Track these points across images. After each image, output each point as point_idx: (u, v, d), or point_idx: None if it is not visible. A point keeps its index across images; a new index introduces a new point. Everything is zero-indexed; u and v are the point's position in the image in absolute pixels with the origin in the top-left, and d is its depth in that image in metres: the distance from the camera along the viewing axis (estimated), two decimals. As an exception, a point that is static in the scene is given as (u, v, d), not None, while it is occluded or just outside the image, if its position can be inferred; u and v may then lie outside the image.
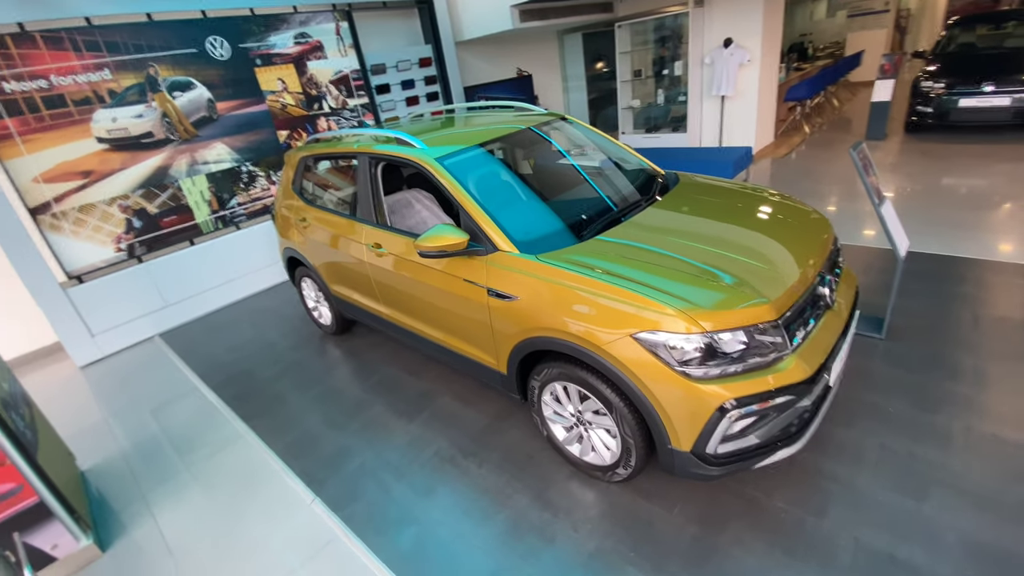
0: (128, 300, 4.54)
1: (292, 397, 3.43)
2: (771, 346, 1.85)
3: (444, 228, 2.33)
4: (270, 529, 2.43)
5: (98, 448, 3.28)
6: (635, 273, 2.00)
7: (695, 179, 2.96)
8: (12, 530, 2.14)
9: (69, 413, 3.71)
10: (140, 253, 4.58)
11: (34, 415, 2.60)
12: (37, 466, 2.20)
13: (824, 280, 2.11)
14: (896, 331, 3.03)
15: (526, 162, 2.94)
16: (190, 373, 3.97)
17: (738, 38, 6.28)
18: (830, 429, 2.43)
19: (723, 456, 1.91)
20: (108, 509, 2.75)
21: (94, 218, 4.27)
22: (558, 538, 2.13)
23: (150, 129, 4.43)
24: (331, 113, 5.63)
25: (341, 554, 2.24)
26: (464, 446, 2.72)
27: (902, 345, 2.93)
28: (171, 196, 4.65)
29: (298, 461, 2.82)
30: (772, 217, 2.41)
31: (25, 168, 3.87)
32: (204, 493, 2.74)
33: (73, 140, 4.06)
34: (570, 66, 8.43)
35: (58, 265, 4.16)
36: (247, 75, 4.93)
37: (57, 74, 3.90)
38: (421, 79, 6.42)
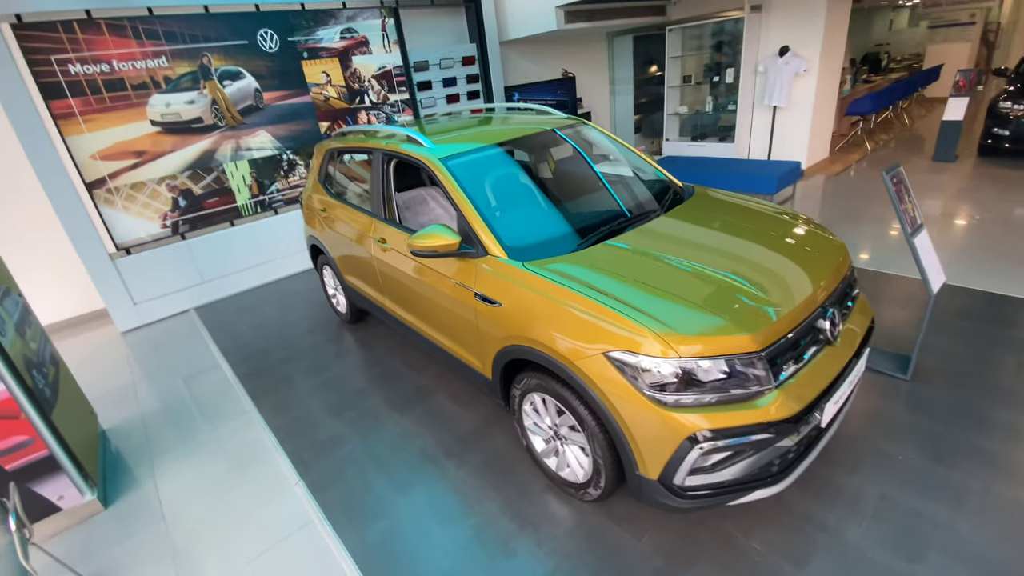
0: (169, 274, 4.85)
1: (299, 380, 3.55)
2: (752, 379, 1.74)
3: (438, 228, 2.33)
4: (254, 505, 2.53)
5: (122, 410, 3.52)
6: (618, 288, 1.93)
7: (710, 194, 2.82)
8: (24, 479, 2.33)
9: (104, 374, 4.01)
10: (183, 231, 4.88)
11: (59, 375, 2.83)
12: (50, 422, 2.39)
13: (826, 312, 1.95)
14: (924, 372, 2.78)
15: (537, 166, 2.89)
16: (214, 348, 4.20)
17: (796, 46, 5.94)
18: (828, 472, 2.26)
19: (692, 489, 1.81)
20: (122, 468, 2.95)
21: (144, 195, 4.59)
22: (520, 552, 2.09)
23: (200, 115, 4.70)
24: (372, 107, 5.78)
25: (312, 538, 2.29)
26: (448, 446, 2.72)
27: (928, 388, 2.68)
28: (215, 179, 4.93)
29: (291, 442, 2.92)
30: (782, 241, 2.26)
31: (84, 145, 4.21)
32: (204, 463, 2.89)
33: (129, 122, 4.37)
34: (618, 69, 8.26)
35: (109, 237, 4.50)
36: (294, 67, 5.13)
37: (118, 59, 4.22)
38: (463, 77, 6.47)
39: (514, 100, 6.75)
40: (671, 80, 7.14)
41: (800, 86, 6.08)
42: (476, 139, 2.79)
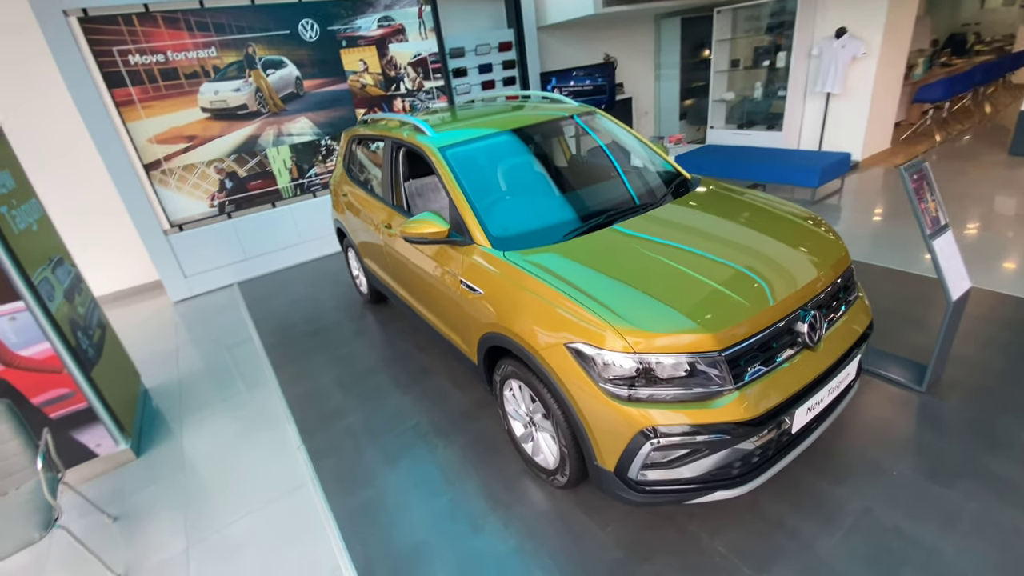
0: (216, 250, 5.25)
1: (318, 354, 3.79)
2: (710, 379, 1.71)
3: (429, 215, 2.41)
4: (260, 465, 2.76)
5: (164, 372, 3.90)
6: (588, 280, 1.94)
7: (714, 187, 2.73)
8: (66, 427, 2.67)
9: (153, 339, 4.44)
10: (229, 210, 5.25)
11: (104, 337, 3.17)
12: (90, 378, 2.70)
13: (805, 315, 1.87)
14: (942, 385, 2.59)
15: (539, 155, 2.89)
16: (249, 320, 4.53)
17: (854, 27, 5.50)
18: (812, 480, 2.18)
19: (647, 484, 1.82)
20: (158, 423, 3.29)
21: (194, 177, 4.98)
22: (486, 529, 2.18)
23: (245, 102, 5.01)
24: (407, 94, 5.92)
25: (305, 500, 2.48)
26: (440, 425, 2.84)
27: (943, 403, 2.49)
28: (258, 163, 5.26)
29: (300, 411, 3.14)
30: (772, 239, 2.16)
31: (143, 130, 4.61)
32: (224, 423, 3.17)
33: (182, 109, 4.74)
34: (665, 53, 7.95)
35: (163, 215, 4.93)
36: (332, 56, 5.35)
37: (172, 50, 4.56)
38: (499, 63, 6.48)
39: (550, 87, 6.69)
40: (718, 65, 6.81)
41: (857, 71, 5.63)
42: (478, 128, 2.83)
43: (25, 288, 2.41)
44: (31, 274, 2.47)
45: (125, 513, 2.57)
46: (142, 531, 2.45)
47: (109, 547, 2.38)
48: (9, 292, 2.37)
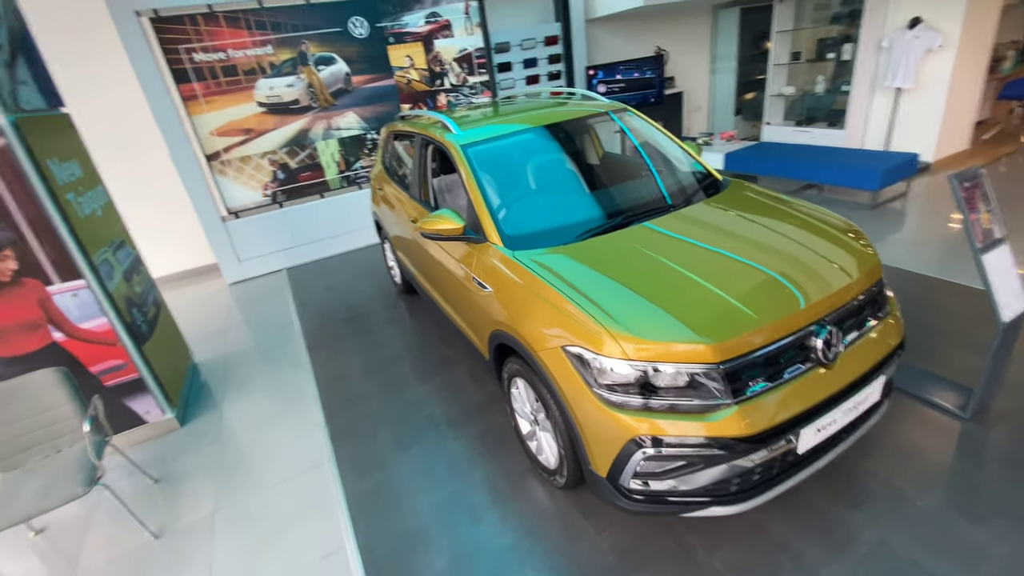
0: (267, 237, 5.57)
1: (350, 339, 3.96)
2: (707, 391, 1.66)
3: (446, 212, 2.46)
4: (286, 441, 2.94)
5: (214, 348, 4.21)
6: (592, 283, 1.92)
7: (744, 189, 2.61)
8: (119, 395, 2.95)
9: (207, 317, 4.79)
10: (281, 200, 5.56)
11: (159, 315, 3.46)
12: (142, 352, 2.97)
13: (821, 331, 1.77)
14: (989, 414, 2.37)
15: (563, 154, 2.87)
16: (292, 304, 4.79)
17: (930, 17, 5.03)
18: (826, 503, 2.07)
19: (639, 493, 1.79)
20: (204, 395, 3.56)
21: (250, 167, 5.30)
22: (484, 522, 2.22)
23: (297, 97, 5.27)
24: (451, 89, 6.01)
25: (321, 479, 2.63)
26: (452, 417, 2.91)
27: (987, 432, 2.28)
28: (308, 155, 5.52)
29: (327, 393, 3.31)
30: (794, 247, 2.05)
31: (205, 123, 4.96)
32: (259, 400, 3.39)
33: (240, 103, 5.05)
34: (721, 45, 7.60)
35: (221, 202, 5.29)
36: (380, 52, 5.51)
37: (233, 48, 4.86)
38: (545, 58, 6.44)
39: (595, 81, 6.57)
40: (777, 57, 6.44)
41: (932, 64, 5.16)
42: (503, 126, 2.84)
43: (87, 268, 2.68)
44: (93, 255, 2.73)
45: (165, 476, 2.82)
46: (178, 494, 2.68)
47: (148, 506, 2.62)
48: (72, 271, 2.64)
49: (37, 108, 2.68)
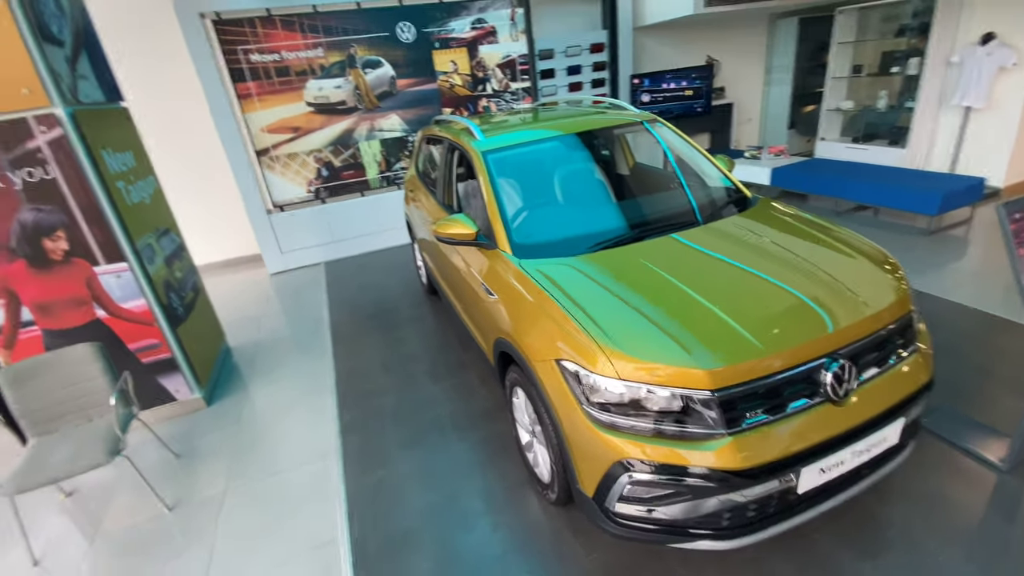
0: (309, 231, 5.80)
1: (373, 335, 4.06)
2: (700, 419, 1.59)
3: (460, 217, 2.48)
4: (299, 430, 3.05)
5: (248, 334, 4.42)
6: (593, 298, 1.89)
7: (771, 208, 2.50)
8: (153, 372, 3.14)
9: (245, 304, 5.04)
10: (323, 196, 5.78)
11: (196, 300, 3.67)
12: (176, 333, 3.16)
13: (832, 364, 1.66)
14: (1033, 468, 2.15)
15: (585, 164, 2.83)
16: (325, 297, 4.97)
17: (1004, 33, 4.64)
18: (834, 548, 1.93)
19: (625, 517, 1.74)
20: (233, 378, 3.74)
21: (296, 164, 5.54)
22: (475, 530, 2.21)
23: (344, 98, 5.47)
24: (492, 95, 6.07)
25: (325, 470, 2.70)
26: (458, 421, 2.92)
27: (1029, 488, 2.07)
28: (351, 154, 5.72)
29: (344, 386, 3.40)
30: (814, 274, 1.94)
31: (257, 120, 5.23)
32: (280, 387, 3.53)
33: (290, 103, 5.29)
34: (778, 55, 7.30)
35: (268, 196, 5.55)
36: (425, 56, 5.64)
37: (286, 50, 5.11)
38: (589, 65, 6.39)
39: (640, 90, 6.46)
40: (836, 70, 6.12)
41: (1006, 83, 4.74)
42: (527, 133, 2.84)
43: (130, 252, 2.88)
44: (136, 240, 2.93)
45: (187, 452, 2.98)
46: (195, 471, 2.82)
47: (168, 480, 2.77)
48: (117, 254, 2.84)
49: (96, 101, 2.91)
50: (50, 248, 2.71)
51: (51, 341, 2.84)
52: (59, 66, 2.57)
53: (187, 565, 2.25)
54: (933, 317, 3.24)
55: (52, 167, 2.59)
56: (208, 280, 5.75)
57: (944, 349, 2.94)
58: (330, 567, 2.15)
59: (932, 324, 3.01)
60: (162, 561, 2.29)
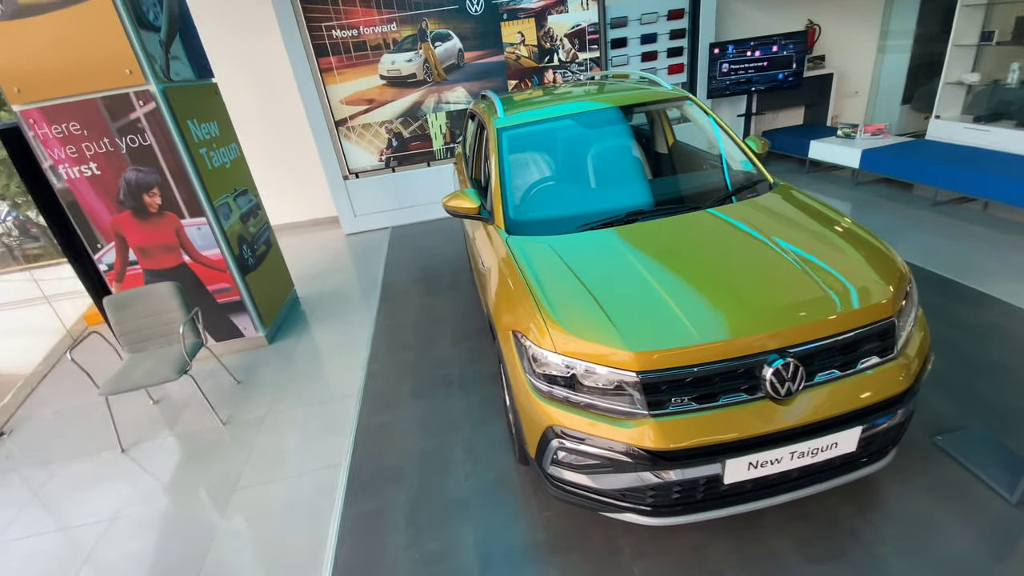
0: (379, 197, 6.29)
1: (415, 297, 4.42)
2: (623, 396, 1.66)
3: (467, 192, 2.65)
4: (334, 372, 3.50)
5: (315, 285, 5.00)
6: (552, 275, 1.98)
7: (785, 195, 2.36)
8: (226, 311, 3.74)
9: (318, 259, 5.66)
10: (393, 165, 6.20)
11: (268, 252, 4.23)
12: (245, 280, 3.71)
13: (774, 360, 1.62)
14: (1049, 504, 1.91)
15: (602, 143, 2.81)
16: (383, 258, 5.43)
17: None
18: (785, 547, 1.90)
19: (559, 480, 1.87)
20: (296, 323, 4.31)
21: (369, 134, 5.99)
22: (451, 476, 2.46)
23: (414, 71, 5.77)
24: (559, 66, 6.02)
25: (345, 408, 3.09)
26: (465, 380, 3.16)
27: (1034, 525, 1.86)
28: (419, 126, 6.05)
29: (379, 340, 3.79)
30: (793, 265, 1.85)
31: (336, 92, 5.71)
32: (328, 334, 4.02)
33: (366, 76, 5.70)
34: (895, 19, 6.35)
35: (345, 163, 6.09)
36: (493, 28, 5.72)
37: (364, 26, 5.47)
38: (666, 33, 6.06)
39: (721, 61, 6.01)
40: (960, 37, 5.22)
41: None
42: (547, 109, 2.88)
43: (208, 208, 3.42)
44: (215, 199, 3.47)
45: (246, 380, 3.55)
46: (248, 396, 3.37)
47: (228, 401, 3.34)
48: (198, 209, 3.39)
49: (186, 79, 3.44)
50: (148, 202, 3.31)
51: (150, 279, 3.50)
52: (153, 49, 3.08)
53: (228, 467, 2.77)
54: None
55: (148, 135, 3.15)
56: (293, 237, 6.53)
57: (1004, 367, 2.63)
58: (331, 484, 2.53)
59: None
60: (211, 461, 2.84)
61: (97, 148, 3.14)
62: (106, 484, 2.79)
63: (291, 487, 2.58)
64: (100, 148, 3.14)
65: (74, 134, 3.09)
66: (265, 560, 2.23)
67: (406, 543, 2.15)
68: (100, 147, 3.14)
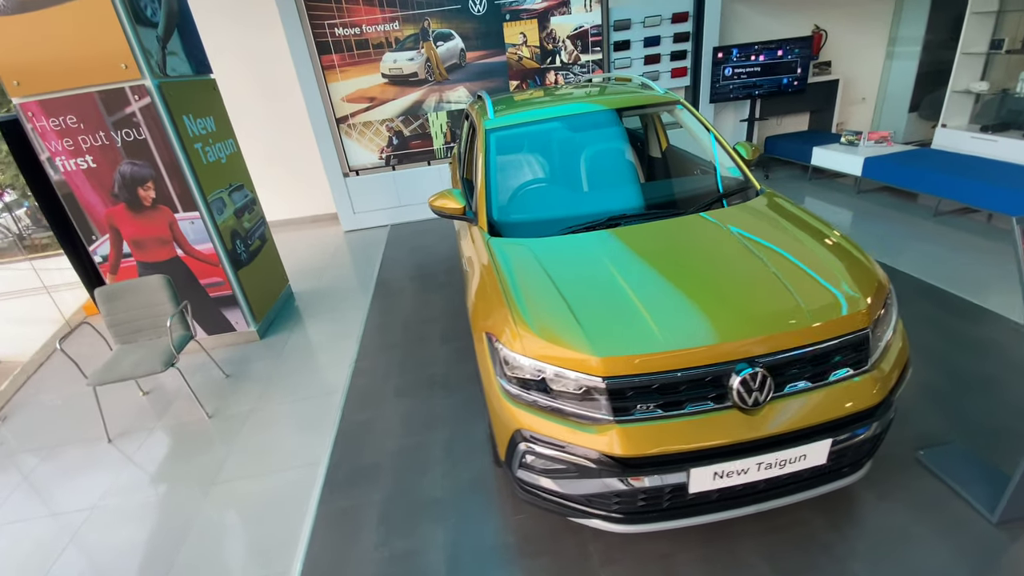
0: (378, 196, 6.31)
1: (407, 296, 4.43)
2: (588, 401, 1.65)
3: (453, 192, 2.65)
4: (322, 367, 3.51)
5: (310, 281, 5.03)
6: (528, 278, 1.97)
7: (769, 202, 2.34)
8: (217, 305, 3.76)
9: (316, 255, 5.69)
10: (393, 163, 6.22)
11: (262, 248, 4.26)
12: (237, 274, 3.74)
13: (742, 369, 1.60)
14: (1022, 523, 1.87)
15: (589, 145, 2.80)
16: (380, 256, 5.44)
17: None
18: (757, 560, 1.88)
19: (527, 484, 1.86)
20: (289, 318, 4.33)
21: (370, 132, 6.01)
22: (428, 475, 2.46)
23: (416, 70, 5.78)
24: (561, 68, 6.01)
25: (329, 404, 3.10)
26: (449, 381, 3.16)
27: (1010, 546, 1.81)
28: (420, 125, 6.06)
29: (368, 337, 3.80)
30: (769, 273, 1.83)
31: (338, 90, 5.74)
32: (319, 330, 4.04)
33: (367, 74, 5.72)
34: (905, 25, 6.26)
35: (345, 160, 6.11)
36: (495, 28, 5.72)
37: (366, 24, 5.50)
38: (669, 36, 6.02)
39: (724, 65, 5.96)
40: (969, 45, 5.14)
41: None
42: (535, 112, 2.87)
43: (202, 203, 3.45)
44: (208, 194, 3.50)
45: (235, 374, 3.57)
46: (237, 389, 3.39)
47: (215, 394, 3.37)
48: (191, 204, 3.42)
49: (182, 74, 3.47)
50: (143, 195, 3.35)
51: (144, 271, 3.54)
52: (150, 44, 3.11)
53: (210, 459, 2.79)
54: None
55: (143, 129, 3.18)
56: (292, 233, 6.57)
57: (997, 382, 2.58)
58: (309, 480, 2.54)
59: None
60: (194, 454, 2.86)
61: (93, 141, 3.18)
62: (90, 473, 2.82)
63: (270, 482, 2.59)
64: (96, 141, 3.18)
65: (71, 127, 3.13)
66: (238, 553, 2.24)
67: (377, 541, 2.15)
68: (96, 140, 3.18)
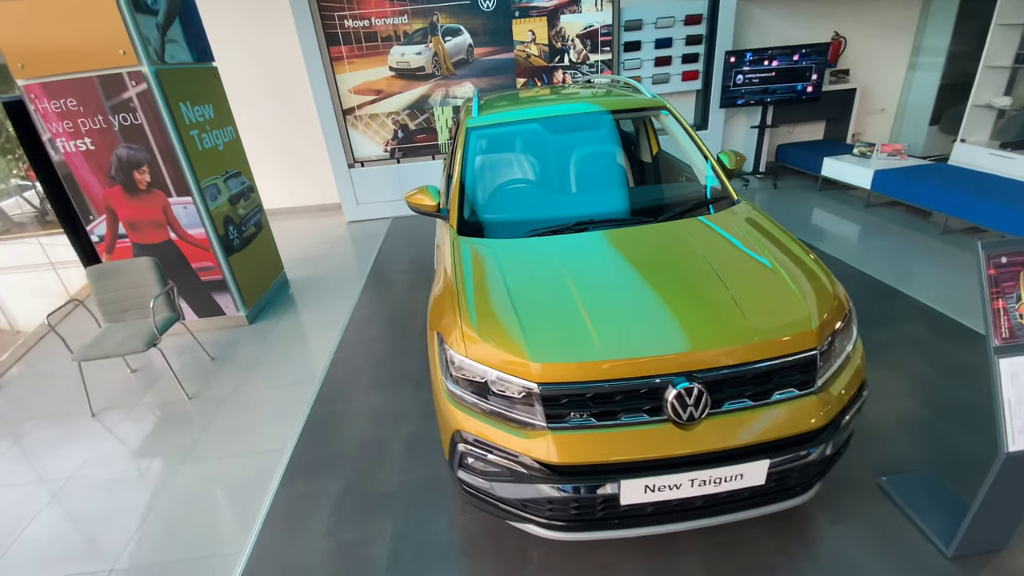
0: (382, 187, 6.36)
1: (396, 289, 4.46)
2: (523, 406, 1.64)
3: (429, 189, 2.66)
4: (303, 356, 3.56)
5: (306, 269, 5.10)
6: (484, 279, 1.98)
7: (742, 215, 2.29)
8: (208, 289, 3.85)
9: (315, 244, 5.77)
10: (398, 156, 6.26)
11: (257, 236, 4.34)
12: (228, 260, 3.81)
13: (679, 383, 1.57)
14: (977, 562, 1.80)
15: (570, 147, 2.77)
16: (377, 248, 5.49)
17: None
18: (697, 572, 1.86)
19: (465, 484, 1.87)
20: (281, 305, 4.41)
21: (376, 125, 6.06)
22: (385, 470, 2.48)
23: (423, 64, 5.80)
24: (569, 67, 5.96)
25: (303, 394, 3.14)
26: (422, 377, 3.17)
27: (961, 580, 1.76)
28: (425, 119, 6.08)
29: (351, 328, 3.84)
30: (718, 290, 1.79)
31: (346, 81, 5.79)
32: (306, 319, 4.10)
33: (375, 67, 5.76)
34: (929, 35, 6.04)
35: (350, 152, 6.18)
36: (504, 25, 5.70)
37: (376, 17, 5.53)
38: (682, 38, 5.92)
39: (736, 71, 5.84)
40: (993, 58, 4.94)
41: None
42: (517, 112, 2.86)
43: (195, 189, 3.52)
44: (202, 180, 3.57)
45: (220, 357, 3.65)
46: (219, 372, 3.47)
47: (198, 375, 3.45)
48: (185, 189, 3.50)
49: (182, 62, 3.54)
50: (138, 179, 3.44)
51: (138, 252, 3.63)
52: (149, 31, 3.18)
53: (184, 439, 2.87)
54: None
55: (140, 114, 3.26)
56: (295, 221, 6.67)
57: (977, 411, 2.50)
58: (271, 467, 2.59)
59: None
60: (170, 432, 2.94)
61: (92, 124, 3.28)
62: (70, 445, 2.92)
63: (236, 464, 2.65)
64: (95, 124, 3.28)
65: (71, 110, 3.23)
66: (195, 531, 2.30)
67: (326, 530, 2.19)
68: (95, 124, 3.27)
